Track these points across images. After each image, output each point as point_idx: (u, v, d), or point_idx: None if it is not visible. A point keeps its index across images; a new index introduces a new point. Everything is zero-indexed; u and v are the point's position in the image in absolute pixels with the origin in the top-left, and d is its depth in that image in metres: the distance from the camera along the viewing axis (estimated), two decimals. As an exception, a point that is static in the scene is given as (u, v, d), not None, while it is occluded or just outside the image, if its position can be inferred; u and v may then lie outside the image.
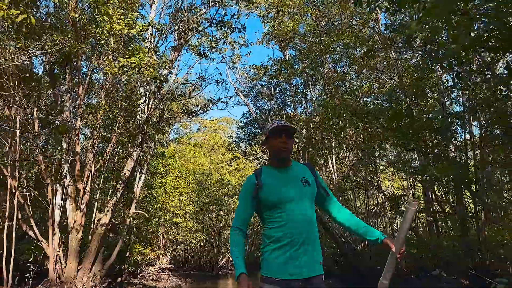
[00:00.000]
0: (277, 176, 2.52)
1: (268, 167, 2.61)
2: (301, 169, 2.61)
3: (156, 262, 20.79)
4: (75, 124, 9.55)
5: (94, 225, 10.36)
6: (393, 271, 2.37)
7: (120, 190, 10.19)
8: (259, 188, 2.46)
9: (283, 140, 2.48)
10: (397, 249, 2.32)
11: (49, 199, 9.38)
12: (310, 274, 2.35)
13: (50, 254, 9.36)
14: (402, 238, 2.34)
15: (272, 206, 2.44)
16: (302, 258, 2.34)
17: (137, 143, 10.20)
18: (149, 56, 7.84)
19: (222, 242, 32.20)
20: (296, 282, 2.31)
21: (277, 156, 2.54)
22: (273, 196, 2.43)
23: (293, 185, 2.47)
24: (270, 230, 2.44)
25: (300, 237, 2.36)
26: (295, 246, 2.34)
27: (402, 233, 2.35)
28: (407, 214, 2.31)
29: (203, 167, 28.27)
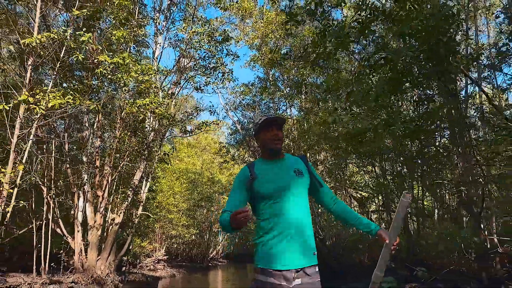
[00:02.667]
0: (270, 168, 2.52)
1: (260, 160, 2.61)
2: (294, 161, 2.60)
3: (152, 254, 23.09)
4: (94, 144, 11.87)
5: (109, 224, 12.70)
6: (387, 263, 2.42)
7: (130, 195, 12.57)
8: (253, 180, 2.46)
9: (274, 132, 2.49)
10: (391, 241, 2.32)
11: (75, 204, 11.72)
12: (304, 264, 2.33)
13: (75, 247, 11.72)
14: (396, 230, 2.36)
15: (265, 197, 2.42)
16: (295, 249, 2.33)
17: (144, 157, 12.56)
18: (158, 96, 10.18)
19: (213, 236, 34.70)
20: (290, 272, 2.29)
21: (269, 148, 2.53)
22: (266, 187, 2.42)
23: (286, 176, 2.46)
24: (263, 222, 2.42)
25: (293, 227, 2.35)
26: (288, 237, 2.33)
27: (396, 225, 2.36)
28: (400, 206, 2.33)
29: (195, 167, 30.55)
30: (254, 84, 18.30)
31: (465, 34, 8.55)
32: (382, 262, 2.41)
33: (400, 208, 2.34)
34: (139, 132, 11.45)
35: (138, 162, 12.34)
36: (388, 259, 2.41)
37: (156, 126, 11.79)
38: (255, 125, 2.61)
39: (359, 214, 2.61)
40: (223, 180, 31.90)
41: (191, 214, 28.23)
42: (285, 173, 2.49)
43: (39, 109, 6.77)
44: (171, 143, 17.28)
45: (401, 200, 2.34)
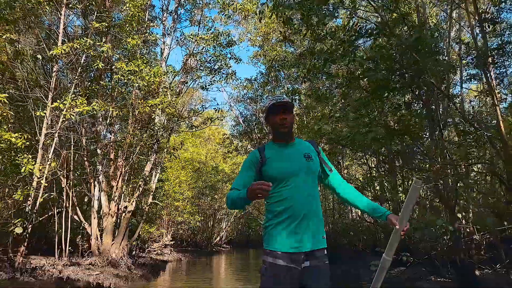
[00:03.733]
0: (280, 151, 2.52)
1: (271, 143, 2.61)
2: (304, 145, 2.60)
3: (159, 239, 24.30)
4: (109, 138, 12.93)
5: (122, 212, 13.82)
6: (395, 248, 2.41)
7: (142, 185, 13.67)
8: (262, 163, 2.47)
9: (282, 116, 2.48)
10: (401, 226, 2.31)
11: (92, 193, 12.84)
12: (312, 247, 2.36)
13: (92, 233, 12.88)
14: (407, 216, 2.35)
15: (274, 180, 2.39)
16: (304, 232, 2.34)
17: (154, 150, 13.63)
18: (167, 96, 11.19)
19: (216, 222, 36.00)
20: (298, 255, 2.32)
21: (278, 132, 2.54)
22: (276, 170, 2.43)
23: (295, 160, 2.47)
24: (272, 205, 2.43)
25: (302, 211, 2.35)
26: (297, 220, 2.34)
27: (406, 210, 2.35)
28: (412, 192, 2.31)
29: (200, 156, 31.65)
30: (257, 79, 19.31)
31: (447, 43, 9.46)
32: (391, 247, 2.41)
33: (411, 194, 2.31)
34: (150, 128, 12.51)
35: (148, 154, 13.41)
36: (397, 244, 2.40)
37: (165, 122, 12.84)
38: (265, 109, 2.63)
39: (368, 199, 2.61)
40: (227, 169, 33.02)
41: (196, 202, 29.41)
42: (295, 157, 2.49)
43: (69, 115, 7.82)
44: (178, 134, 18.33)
45: (412, 186, 2.30)
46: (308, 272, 2.34)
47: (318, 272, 2.36)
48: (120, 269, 12.35)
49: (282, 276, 2.29)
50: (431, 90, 6.98)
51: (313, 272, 2.35)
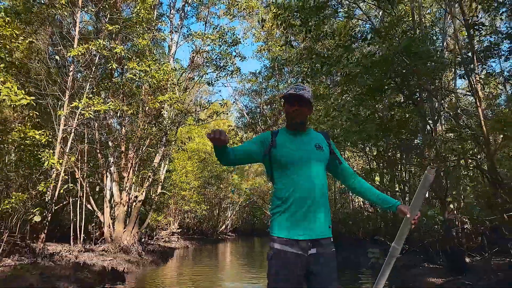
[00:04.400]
0: (291, 139, 2.52)
1: (284, 129, 2.62)
2: (316, 136, 2.61)
3: (167, 227, 25.14)
4: (120, 131, 13.60)
5: (132, 201, 14.55)
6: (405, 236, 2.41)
7: (151, 176, 14.38)
8: (272, 147, 2.47)
9: (296, 107, 2.49)
10: (412, 215, 2.31)
11: (104, 184, 13.56)
12: (318, 236, 2.37)
13: (104, 221, 13.63)
14: (418, 205, 2.35)
15: (283, 166, 2.44)
16: (311, 220, 2.35)
17: (162, 143, 14.31)
18: (175, 91, 11.81)
19: (222, 211, 36.85)
20: (305, 242, 2.33)
21: (290, 120, 2.55)
22: (286, 156, 2.44)
23: (306, 149, 2.48)
24: (280, 191, 2.45)
25: (310, 199, 2.36)
26: (304, 207, 2.34)
27: (418, 199, 2.34)
28: (424, 181, 2.30)
29: (206, 147, 32.33)
30: (261, 73, 19.87)
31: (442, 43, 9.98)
32: (400, 236, 2.42)
33: (423, 183, 2.30)
34: (159, 122, 13.16)
35: (157, 147, 14.09)
36: (407, 233, 2.41)
37: (173, 116, 13.49)
38: (283, 95, 2.60)
39: (378, 190, 2.62)
40: (232, 160, 33.69)
41: (201, 191, 30.17)
42: (305, 146, 2.49)
43: (88, 114, 8.47)
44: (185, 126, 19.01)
45: (425, 175, 2.30)
46: (314, 259, 2.34)
47: (325, 259, 2.36)
48: (131, 255, 13.10)
49: (289, 262, 2.31)
50: (421, 90, 7.53)
51: (320, 259, 2.35)
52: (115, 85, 11.24)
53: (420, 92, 7.63)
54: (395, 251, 2.49)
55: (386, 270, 2.49)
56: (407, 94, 7.31)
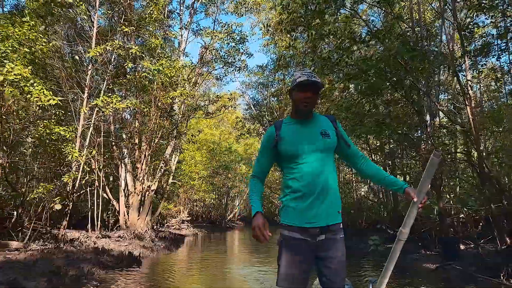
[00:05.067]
0: (296, 128, 2.52)
1: (288, 119, 2.62)
2: (322, 121, 2.59)
3: (177, 215, 26.03)
4: (134, 124, 14.32)
5: (145, 190, 15.34)
6: (413, 220, 2.43)
7: (163, 167, 15.13)
8: (278, 141, 2.49)
9: (307, 95, 2.45)
10: (419, 199, 2.33)
11: (119, 174, 14.34)
12: (328, 222, 2.40)
13: (120, 209, 14.45)
14: (425, 189, 2.35)
15: (290, 157, 2.46)
16: (320, 207, 2.38)
17: (173, 135, 15.02)
18: (185, 87, 12.47)
19: (230, 200, 37.73)
20: (314, 229, 2.38)
21: (299, 109, 2.52)
22: (292, 148, 2.45)
23: (312, 138, 2.47)
24: (289, 181, 2.48)
25: (318, 187, 2.38)
26: (313, 196, 2.38)
27: (424, 183, 2.35)
28: (430, 165, 2.30)
29: (214, 137, 33.08)
30: (268, 66, 20.45)
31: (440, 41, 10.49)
32: (408, 220, 2.43)
33: (429, 167, 2.31)
34: (170, 115, 13.86)
35: (168, 139, 14.82)
36: (414, 217, 2.42)
37: (184, 110, 14.18)
38: (293, 81, 2.57)
39: (387, 173, 2.61)
40: (240, 150, 34.41)
41: (210, 181, 30.99)
42: (311, 134, 2.49)
43: (108, 112, 9.17)
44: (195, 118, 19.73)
45: (431, 158, 2.30)
46: (323, 244, 2.39)
47: (333, 244, 2.40)
48: (145, 241, 13.89)
49: (298, 248, 2.37)
50: (416, 89, 8.09)
51: (328, 244, 2.39)
52: (130, 82, 11.92)
53: (415, 90, 8.18)
54: (402, 235, 2.48)
55: (395, 253, 2.52)
56: (402, 93, 7.88)
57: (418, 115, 8.51)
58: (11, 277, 6.64)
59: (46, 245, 10.30)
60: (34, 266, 7.73)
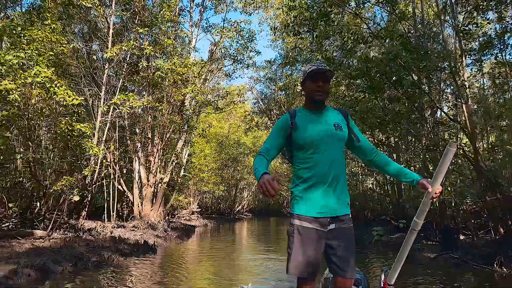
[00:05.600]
0: (310, 118, 2.54)
1: (302, 109, 2.64)
2: (335, 114, 2.62)
3: (187, 206, 26.73)
4: (147, 120, 14.94)
5: (158, 183, 15.99)
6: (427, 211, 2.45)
7: (175, 160, 15.75)
8: (293, 129, 2.50)
9: (320, 84, 2.48)
10: (433, 190, 2.33)
11: (133, 167, 14.99)
12: (337, 213, 2.43)
13: (134, 201, 15.12)
14: (440, 179, 2.36)
15: (303, 146, 2.47)
16: (330, 198, 2.41)
17: (184, 130, 15.62)
18: (196, 84, 13.02)
19: (238, 192, 38.42)
20: (324, 219, 2.40)
21: (312, 99, 2.54)
22: (305, 137, 2.46)
23: (325, 128, 2.49)
24: (300, 171, 2.50)
25: (329, 177, 2.42)
26: (324, 186, 2.41)
27: (440, 173, 2.35)
28: (446, 155, 2.30)
29: (223, 130, 33.67)
30: (275, 61, 20.89)
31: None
32: (422, 210, 2.45)
33: (445, 157, 2.30)
34: (182, 110, 14.45)
35: (180, 133, 15.43)
36: (428, 207, 2.43)
37: (194, 105, 14.77)
38: (303, 73, 2.61)
39: (400, 165, 2.64)
40: (248, 143, 34.98)
41: (219, 173, 31.64)
42: (325, 125, 2.51)
43: (125, 109, 9.77)
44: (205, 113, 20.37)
45: (446, 149, 2.30)
46: (333, 233, 2.41)
47: (343, 233, 2.43)
48: (158, 231, 14.56)
49: (309, 237, 2.39)
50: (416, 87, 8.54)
51: (338, 233, 2.42)
52: (143, 79, 12.49)
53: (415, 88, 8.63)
54: (416, 225, 2.51)
55: (408, 243, 2.56)
56: (402, 91, 8.33)
57: (418, 111, 8.97)
58: (42, 261, 7.29)
59: (67, 234, 10.98)
60: (59, 252, 8.39)
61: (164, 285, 6.95)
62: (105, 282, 6.87)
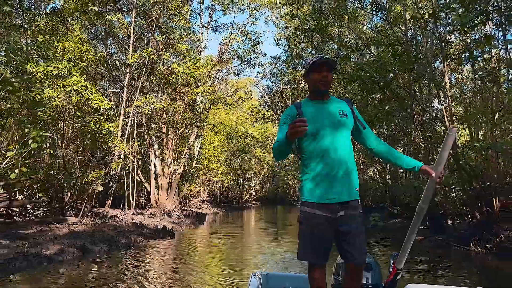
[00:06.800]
0: (316, 108, 2.58)
1: (307, 100, 2.68)
2: (339, 103, 2.66)
3: (198, 195, 28.10)
4: (162, 116, 16.23)
5: (172, 173, 17.33)
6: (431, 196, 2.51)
7: (188, 152, 17.06)
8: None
9: (323, 73, 2.52)
10: (437, 174, 2.36)
11: (150, 159, 16.33)
12: (346, 199, 2.44)
13: (151, 190, 16.49)
14: (442, 163, 2.38)
15: (311, 135, 2.50)
16: (338, 184, 2.43)
17: (196, 125, 16.90)
18: (207, 82, 14.24)
19: (246, 181, 39.76)
20: (333, 205, 2.42)
21: (318, 89, 2.58)
22: (312, 126, 2.44)
23: (330, 117, 2.53)
24: (307, 160, 2.53)
25: (337, 165, 2.44)
26: (332, 173, 2.43)
27: (442, 158, 2.38)
28: (447, 140, 2.32)
29: (231, 122, 34.83)
30: (280, 57, 22.01)
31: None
32: (426, 195, 2.49)
33: (446, 141, 2.33)
34: (194, 107, 15.72)
35: (192, 128, 16.73)
36: (432, 192, 2.48)
37: (205, 103, 16.05)
38: (306, 65, 2.65)
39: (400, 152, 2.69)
40: (255, 134, 36.15)
41: (227, 163, 32.88)
42: (331, 114, 2.55)
43: (147, 111, 11.04)
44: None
45: (447, 134, 2.32)
46: (343, 219, 2.43)
47: (353, 219, 2.44)
48: (173, 218, 15.91)
49: (318, 224, 2.43)
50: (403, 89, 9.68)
51: (348, 219, 2.43)
52: (159, 80, 13.75)
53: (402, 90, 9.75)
54: (421, 210, 2.56)
55: (414, 228, 2.62)
56: (390, 93, 9.46)
57: (405, 111, 10.09)
58: (81, 243, 8.65)
59: (94, 221, 12.36)
60: (93, 235, 9.75)
61: (187, 264, 8.27)
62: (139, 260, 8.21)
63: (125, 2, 12.02)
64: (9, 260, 6.73)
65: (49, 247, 7.96)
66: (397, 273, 2.91)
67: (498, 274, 7.88)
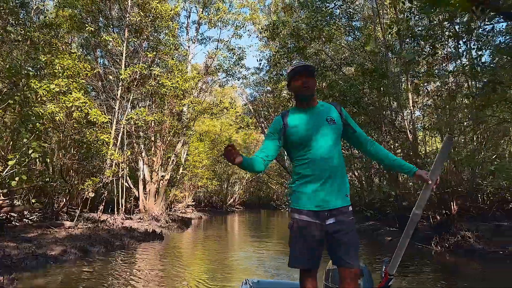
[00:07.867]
0: (302, 116, 2.58)
1: (294, 109, 2.68)
2: (327, 108, 2.64)
3: (183, 200, 28.88)
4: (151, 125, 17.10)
5: (160, 180, 18.17)
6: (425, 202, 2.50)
7: (175, 160, 17.94)
8: (285, 129, 2.56)
9: (303, 79, 2.53)
10: (432, 181, 2.37)
11: (139, 167, 17.16)
12: (336, 205, 2.44)
13: (139, 196, 17.30)
14: (438, 170, 2.39)
15: (298, 144, 2.53)
16: (328, 191, 2.44)
17: (183, 133, 17.81)
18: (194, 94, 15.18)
19: (230, 186, 40.67)
20: (323, 212, 2.43)
21: (301, 96, 2.59)
22: (299, 135, 2.51)
23: (318, 124, 2.53)
24: (297, 167, 2.56)
25: (326, 172, 2.45)
26: (321, 180, 2.44)
27: (438, 165, 2.38)
28: (443, 147, 2.35)
29: (215, 128, 35.74)
30: (263, 68, 23.09)
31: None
32: (421, 202, 2.51)
33: (442, 149, 2.35)
34: (182, 116, 16.65)
35: (179, 136, 17.64)
36: (427, 198, 2.50)
37: (192, 113, 17.02)
38: (287, 75, 2.67)
39: (394, 156, 2.67)
40: (239, 140, 37.14)
41: (212, 168, 33.72)
42: (318, 121, 2.54)
43: (140, 123, 11.93)
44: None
45: (444, 142, 2.35)
46: (333, 227, 2.43)
47: (343, 226, 2.43)
48: (161, 222, 16.71)
49: (308, 230, 2.44)
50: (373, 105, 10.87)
51: (338, 226, 2.42)
52: (149, 92, 14.65)
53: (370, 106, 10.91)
54: (415, 216, 2.57)
55: (407, 234, 2.62)
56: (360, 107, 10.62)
57: (375, 124, 11.24)
58: (81, 244, 9.48)
59: (87, 225, 13.13)
60: (90, 238, 10.58)
61: (177, 267, 9.18)
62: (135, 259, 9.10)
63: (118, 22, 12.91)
64: (21, 260, 7.56)
65: (53, 248, 8.78)
66: (390, 279, 2.84)
67: (455, 270, 9.00)
